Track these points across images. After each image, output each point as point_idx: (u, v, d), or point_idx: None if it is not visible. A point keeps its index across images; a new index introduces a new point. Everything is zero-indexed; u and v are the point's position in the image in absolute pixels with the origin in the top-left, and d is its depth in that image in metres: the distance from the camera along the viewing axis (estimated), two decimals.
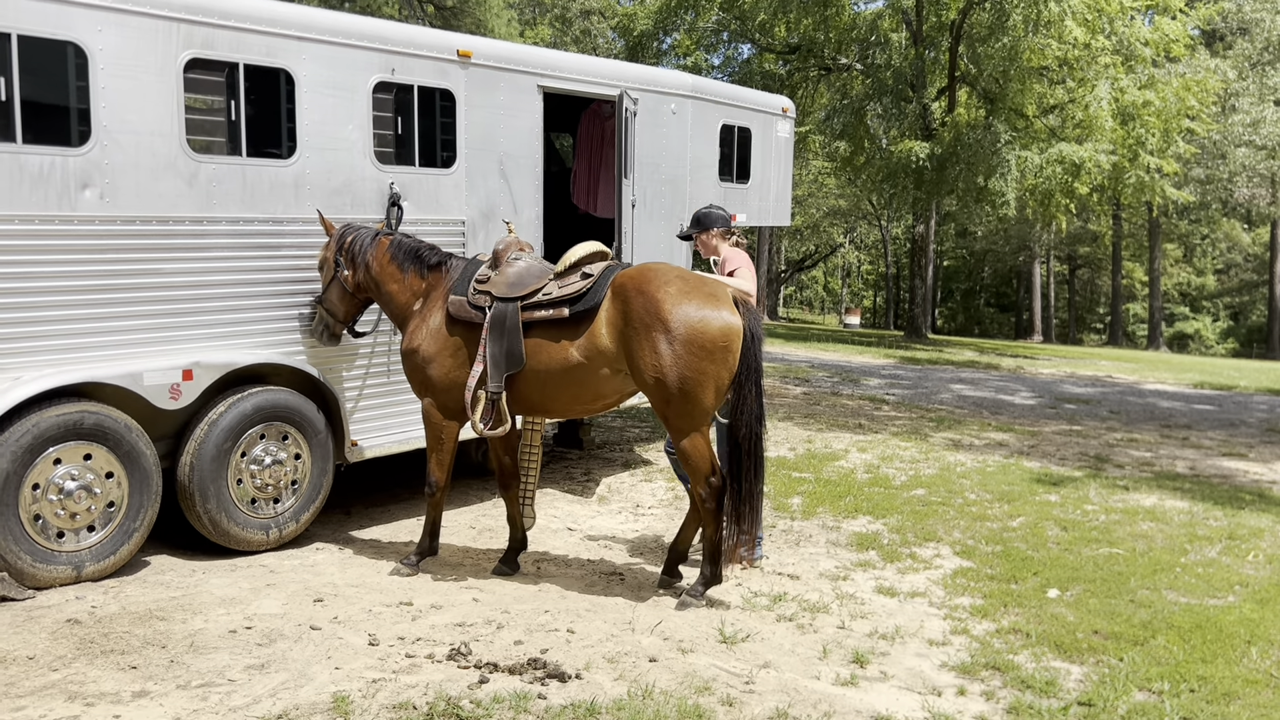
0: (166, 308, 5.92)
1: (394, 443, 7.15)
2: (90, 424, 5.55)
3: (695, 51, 30.23)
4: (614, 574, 6.32)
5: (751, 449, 5.65)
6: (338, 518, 7.36)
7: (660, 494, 8.40)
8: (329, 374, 6.70)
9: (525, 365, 5.73)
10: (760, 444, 5.69)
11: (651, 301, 5.47)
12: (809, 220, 47.88)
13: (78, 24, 5.44)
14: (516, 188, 7.74)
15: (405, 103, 7.00)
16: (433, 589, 5.86)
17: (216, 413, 6.10)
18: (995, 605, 5.92)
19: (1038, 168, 23.29)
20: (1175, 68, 29.11)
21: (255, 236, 6.29)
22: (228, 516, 6.15)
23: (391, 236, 6.37)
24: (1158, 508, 8.44)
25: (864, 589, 6.17)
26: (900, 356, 22.61)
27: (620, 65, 8.84)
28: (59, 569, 5.51)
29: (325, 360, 6.70)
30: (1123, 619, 5.73)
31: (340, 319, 6.51)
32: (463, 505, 7.86)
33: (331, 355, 6.75)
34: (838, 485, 8.78)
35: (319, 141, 6.53)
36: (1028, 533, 7.50)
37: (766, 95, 10.59)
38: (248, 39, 6.12)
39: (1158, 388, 18.50)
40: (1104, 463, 10.42)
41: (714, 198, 9.53)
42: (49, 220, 5.42)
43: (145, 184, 5.76)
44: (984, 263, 55.13)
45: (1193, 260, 52.38)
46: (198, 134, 6.10)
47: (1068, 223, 32.99)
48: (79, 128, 5.52)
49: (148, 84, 5.72)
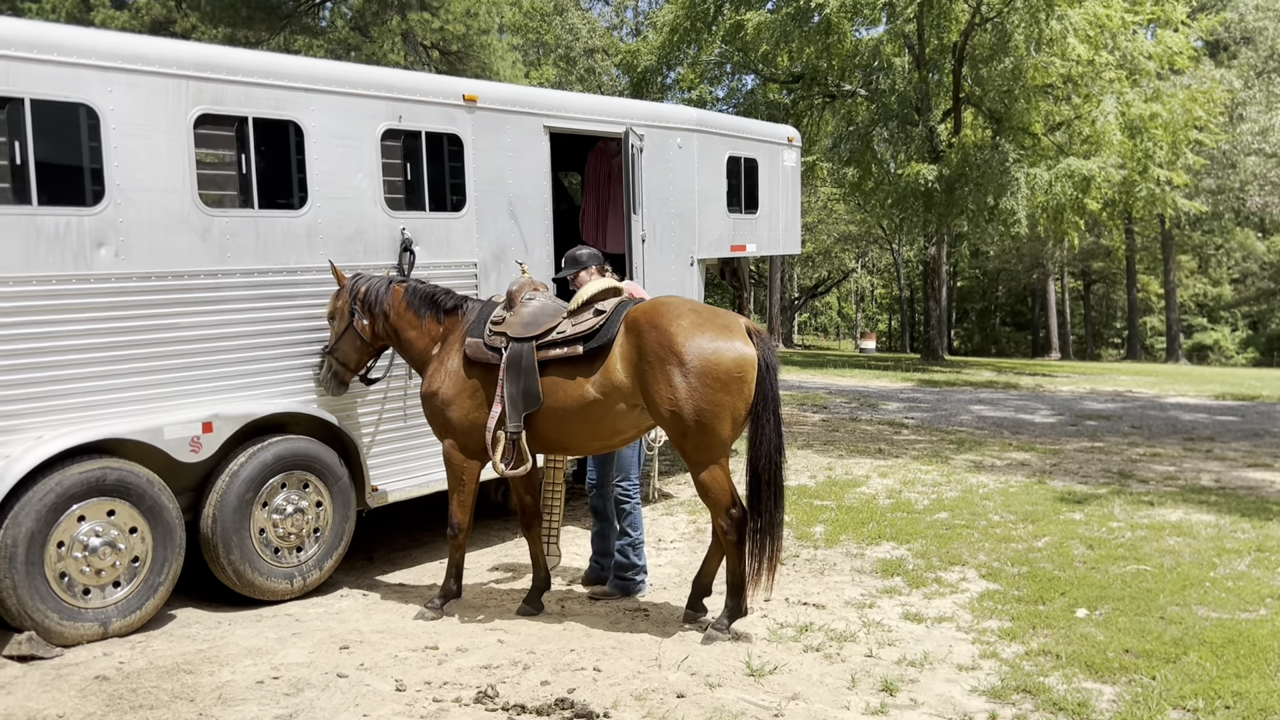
0: (184, 361, 5.97)
1: (414, 486, 7.17)
2: (113, 480, 5.58)
3: (699, 85, 30.42)
4: (639, 610, 6.30)
5: (771, 479, 5.63)
6: (361, 563, 7.37)
7: (682, 527, 8.38)
8: (347, 420, 6.74)
9: (543, 404, 5.75)
10: (780, 473, 5.68)
11: (665, 335, 5.48)
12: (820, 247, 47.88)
13: (89, 86, 5.53)
14: (527, 228, 7.80)
15: (414, 149, 7.08)
16: (458, 631, 5.85)
17: (237, 464, 6.13)
18: (1024, 627, 5.87)
19: (1047, 184, 23.27)
20: (1180, 79, 29.11)
21: (270, 287, 6.35)
22: (251, 567, 6.17)
23: (405, 283, 6.42)
24: (1184, 522, 8.36)
25: (891, 616, 6.13)
26: (918, 379, 22.53)
27: (625, 103, 8.93)
28: (86, 626, 5.53)
29: (343, 407, 6.74)
30: (1153, 636, 5.67)
31: (353, 368, 6.54)
32: (485, 546, 7.86)
33: (349, 402, 6.78)
34: (860, 512, 8.74)
35: (330, 191, 6.60)
36: (1054, 552, 7.44)
37: (771, 126, 10.66)
38: (256, 93, 6.21)
39: (1179, 400, 18.37)
40: (1128, 479, 10.34)
41: (723, 229, 9.58)
42: (66, 280, 5.49)
43: (159, 240, 5.83)
44: (998, 282, 54.97)
45: (1208, 271, 52.09)
46: (210, 188, 6.17)
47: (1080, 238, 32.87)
48: (93, 187, 5.60)
49: (159, 141, 5.81)
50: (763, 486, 5.63)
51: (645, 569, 6.66)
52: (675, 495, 9.56)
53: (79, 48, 5.51)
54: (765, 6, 27.22)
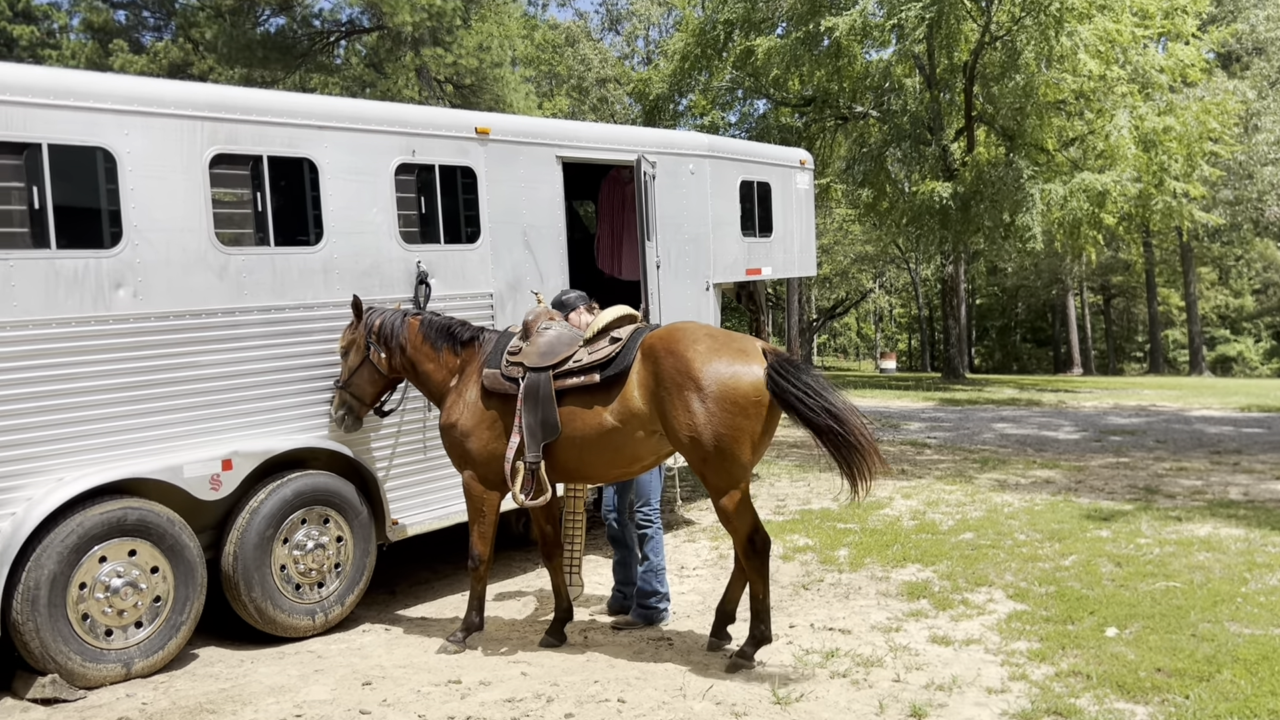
0: (203, 399, 6.00)
1: (434, 519, 7.15)
2: (133, 520, 5.60)
3: (711, 111, 30.52)
4: (662, 639, 6.25)
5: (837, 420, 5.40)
6: (382, 598, 7.35)
7: (705, 554, 8.32)
8: (366, 454, 6.74)
9: (561, 433, 5.74)
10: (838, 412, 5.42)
11: (681, 361, 5.47)
12: (837, 268, 47.83)
13: (105, 129, 5.59)
14: (541, 257, 7.81)
15: (427, 182, 7.11)
16: (481, 665, 5.82)
17: (257, 500, 6.14)
18: (1053, 648, 5.79)
19: (1062, 200, 23.19)
20: (1193, 92, 28.98)
21: (287, 324, 6.38)
22: (273, 604, 6.16)
23: (420, 316, 6.43)
24: (1213, 537, 8.25)
25: (917, 639, 6.06)
26: (939, 398, 22.40)
27: (636, 130, 8.96)
28: (109, 667, 5.53)
29: (362, 441, 6.74)
30: (1185, 654, 5.58)
31: (368, 402, 6.54)
32: (506, 578, 7.83)
33: (368, 435, 6.79)
34: (884, 534, 8.66)
35: (345, 226, 6.63)
36: (1081, 571, 7.35)
37: (784, 149, 10.67)
38: (270, 131, 6.26)
39: (1204, 413, 18.18)
40: (1154, 494, 10.22)
41: (738, 253, 9.58)
42: (85, 321, 5.53)
43: (177, 279, 5.87)
44: (1017, 299, 54.74)
45: (1229, 282, 51.71)
46: (226, 227, 6.22)
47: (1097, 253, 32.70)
48: (110, 229, 5.65)
49: (175, 182, 5.86)
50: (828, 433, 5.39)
51: (668, 596, 6.62)
52: (697, 521, 9.51)
53: (95, 92, 5.58)
54: (775, 32, 27.33)
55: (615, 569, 6.85)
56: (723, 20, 27.37)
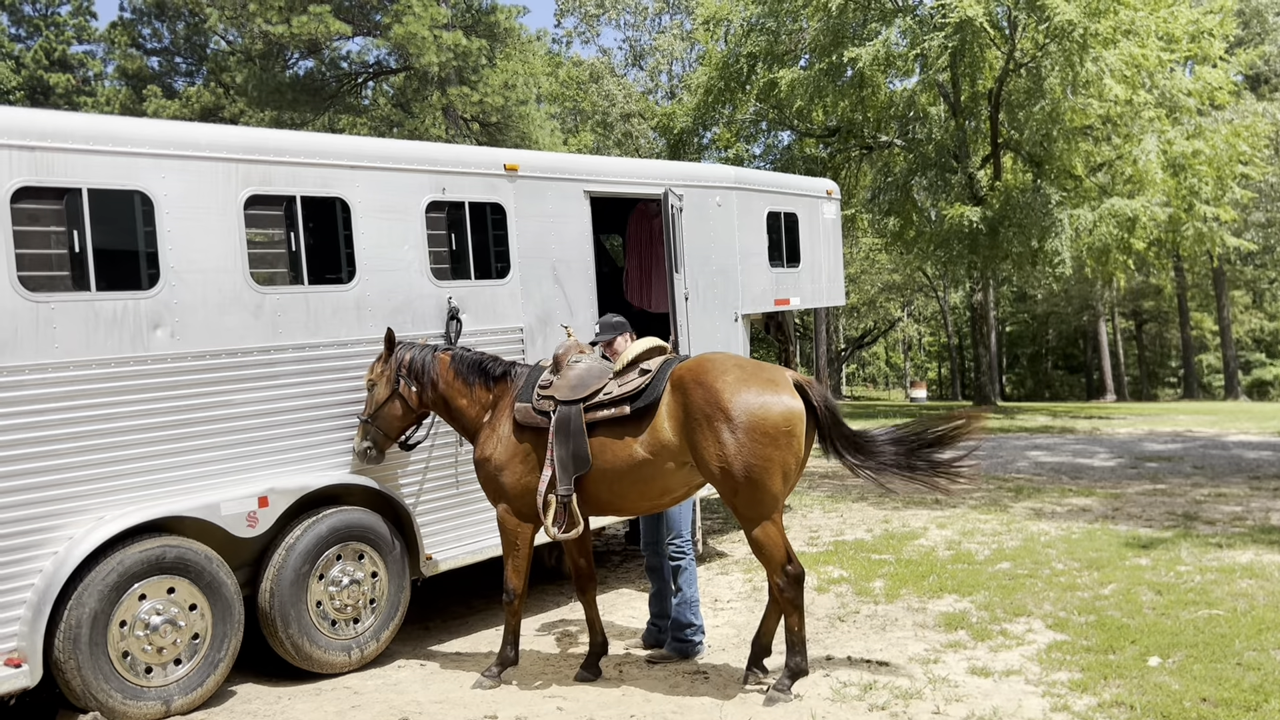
0: (240, 437, 6.06)
1: (468, 553, 7.17)
2: (172, 558, 5.65)
3: (736, 143, 30.67)
4: (698, 673, 6.21)
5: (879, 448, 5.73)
6: (417, 633, 7.36)
7: (738, 586, 8.28)
8: (400, 490, 6.78)
9: (592, 465, 5.75)
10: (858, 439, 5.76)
11: (711, 392, 5.47)
12: (865, 297, 47.75)
13: (143, 173, 5.70)
14: (571, 291, 7.86)
15: (458, 219, 7.19)
16: (516, 700, 5.81)
17: (293, 537, 6.18)
18: (1095, 678, 5.71)
19: (1091, 225, 23.07)
20: (1222, 115, 28.84)
21: (321, 360, 6.44)
22: (309, 640, 6.18)
23: (451, 352, 6.47)
24: (1255, 564, 8.12)
25: (956, 671, 5.99)
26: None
27: (663, 164, 9.02)
28: (149, 705, 5.56)
29: (396, 476, 6.78)
30: (1231, 684, 5.49)
31: (393, 436, 6.51)
32: (540, 611, 7.82)
33: (402, 471, 6.83)
34: (919, 565, 8.59)
35: (377, 264, 6.71)
36: (1121, 600, 7.25)
37: (810, 180, 10.71)
38: (303, 172, 6.36)
39: (1241, 438, 17.94)
40: (1193, 520, 10.08)
41: (766, 284, 9.60)
42: (124, 362, 5.61)
43: (213, 319, 5.95)
44: (1047, 325, 54.36)
45: (1263, 305, 51.13)
46: (260, 266, 6.31)
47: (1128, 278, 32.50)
48: (148, 271, 5.74)
49: (211, 223, 5.96)
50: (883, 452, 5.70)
51: (702, 628, 6.59)
52: (730, 554, 9.47)
53: (132, 137, 5.70)
54: (798, 64, 27.48)
55: (651, 601, 6.84)
56: (745, 53, 27.57)
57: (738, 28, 28.63)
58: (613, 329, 6.51)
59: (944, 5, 22.84)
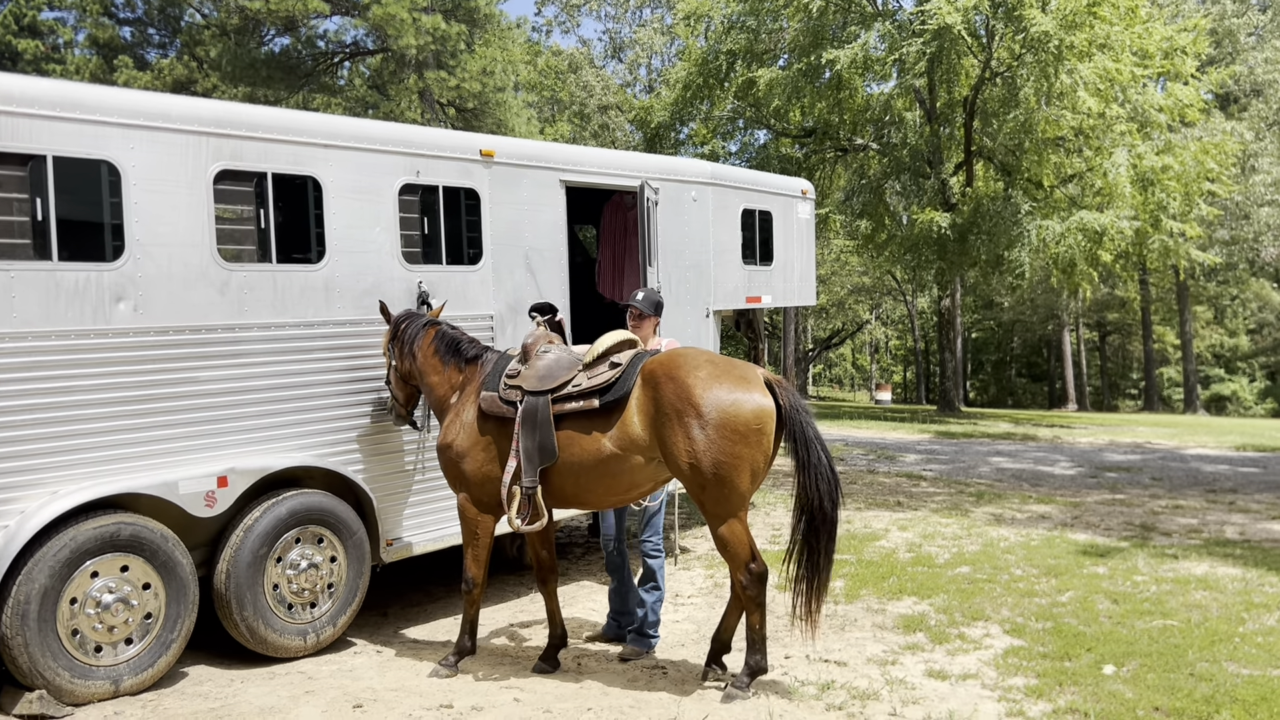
0: (200, 415, 5.96)
1: (429, 541, 7.10)
2: (127, 535, 5.55)
3: (712, 140, 30.68)
4: (656, 667, 6.19)
5: (831, 515, 5.54)
6: (375, 619, 7.29)
7: (700, 582, 8.27)
8: (362, 474, 6.70)
9: (559, 458, 5.70)
10: (837, 511, 5.57)
11: (682, 387, 5.44)
12: (834, 298, 47.97)
13: (111, 143, 5.58)
14: (543, 281, 7.80)
15: (431, 203, 7.12)
16: (473, 690, 5.76)
17: (252, 518, 6.09)
18: (1050, 684, 5.75)
19: (1059, 236, 23.29)
20: (1191, 132, 29.22)
21: (287, 341, 6.35)
22: (264, 623, 6.10)
23: (438, 327, 6.44)
24: (1210, 576, 8.22)
25: (914, 673, 6.01)
26: (935, 431, 22.38)
27: (640, 157, 8.98)
28: (97, 684, 5.46)
29: (358, 460, 6.71)
30: (1184, 694, 5.54)
31: (402, 402, 6.65)
32: (500, 602, 7.77)
33: (364, 455, 6.75)
34: (880, 566, 8.62)
35: (347, 245, 6.62)
36: (1078, 607, 7.31)
37: (785, 179, 10.70)
38: (275, 149, 6.26)
39: (1199, 452, 18.18)
40: (1151, 531, 10.19)
41: (738, 281, 9.58)
42: (85, 335, 5.50)
43: (178, 294, 5.85)
44: (1013, 333, 54.87)
45: (1224, 321, 51.88)
46: (228, 243, 6.21)
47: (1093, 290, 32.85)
48: (113, 243, 5.63)
49: (179, 197, 5.85)
50: (820, 527, 5.53)
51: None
52: (693, 549, 9.46)
53: (101, 106, 5.58)
54: (777, 63, 27.53)
55: (612, 597, 6.80)
56: (725, 51, 27.57)
57: (718, 24, 28.64)
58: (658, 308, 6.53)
59: (923, 12, 22.95)
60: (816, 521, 5.55)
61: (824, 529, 5.55)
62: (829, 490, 5.53)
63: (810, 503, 5.55)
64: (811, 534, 5.57)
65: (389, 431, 6.89)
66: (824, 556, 5.57)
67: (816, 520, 5.55)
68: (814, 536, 5.56)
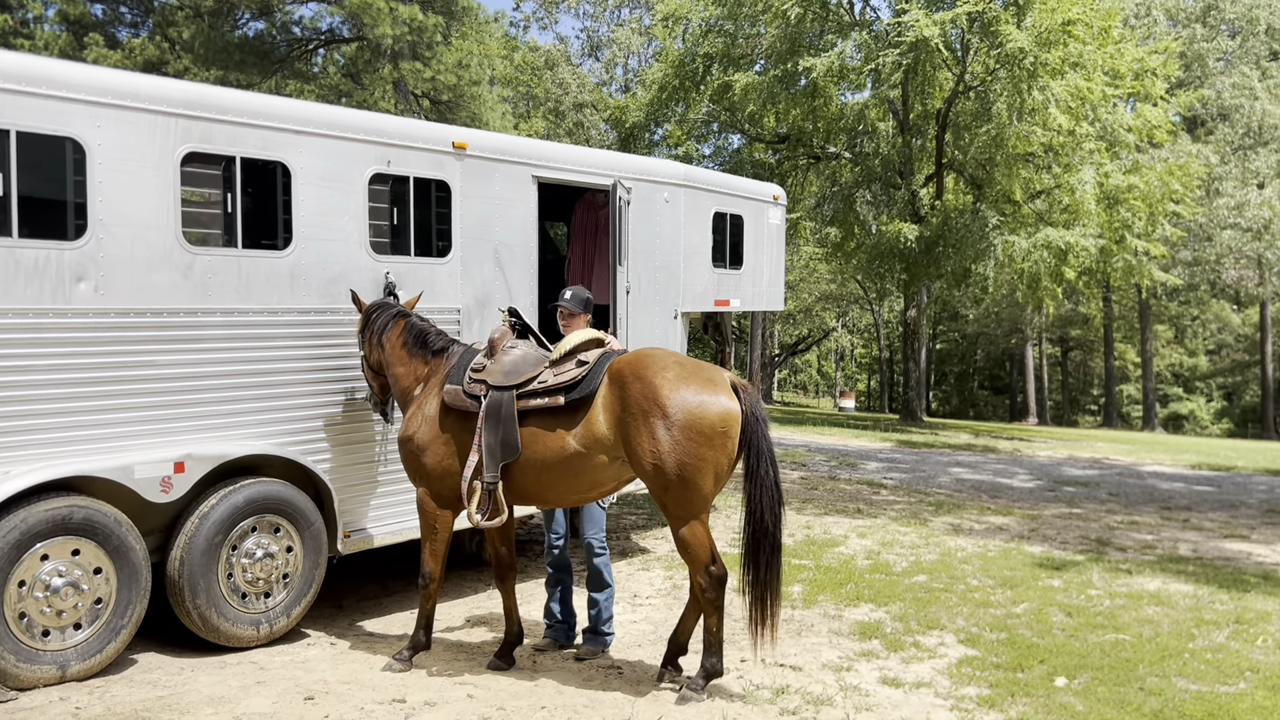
0: (159, 399, 5.88)
1: (388, 534, 7.05)
2: (79, 519, 5.46)
3: (686, 142, 30.73)
4: (612, 667, 6.18)
5: (770, 533, 5.54)
6: (330, 611, 7.22)
7: (658, 583, 8.27)
8: (321, 465, 6.63)
9: (521, 454, 5.67)
10: (779, 527, 5.57)
11: (649, 387, 5.43)
12: (801, 305, 48.20)
13: (76, 120, 5.49)
14: (512, 276, 7.77)
15: (401, 194, 7.06)
16: (426, 685, 5.72)
17: (208, 505, 6.01)
18: (1003, 695, 5.79)
19: (1025, 252, 23.53)
20: (1159, 153, 29.62)
21: (250, 327, 6.28)
22: (217, 612, 6.03)
23: (408, 318, 6.39)
24: (1162, 592, 8.32)
25: (868, 680, 6.03)
26: (897, 440, 22.54)
27: (614, 155, 8.96)
28: (43, 669, 5.37)
29: (318, 451, 6.64)
30: (1133, 708, 5.60)
31: (377, 393, 6.66)
32: (457, 597, 7.73)
33: (324, 445, 6.69)
34: (838, 572, 8.65)
35: (315, 232, 6.56)
36: (1032, 619, 7.37)
37: (758, 183, 10.72)
38: (244, 133, 6.19)
39: (1156, 469, 18.42)
40: (1106, 546, 10.31)
41: (708, 283, 9.59)
42: (43, 313, 5.40)
43: (140, 276, 5.76)
44: (976, 345, 55.38)
45: (1184, 341, 52.65)
46: (194, 226, 6.13)
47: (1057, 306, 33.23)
48: (75, 221, 5.54)
49: (145, 178, 5.76)
50: (761, 540, 5.54)
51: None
52: (652, 550, 9.46)
53: (68, 82, 5.48)
54: (753, 68, 27.61)
55: (559, 600, 6.68)
56: (702, 54, 27.62)
57: (696, 27, 28.69)
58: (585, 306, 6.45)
59: (900, 24, 23.10)
60: (759, 534, 5.55)
61: (765, 542, 5.54)
62: (770, 504, 5.54)
63: (752, 514, 5.57)
64: (755, 549, 5.57)
65: (350, 422, 6.83)
66: (766, 570, 5.55)
67: (759, 533, 5.55)
68: (757, 551, 5.56)
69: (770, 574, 5.56)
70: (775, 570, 5.58)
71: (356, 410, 6.84)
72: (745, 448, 5.52)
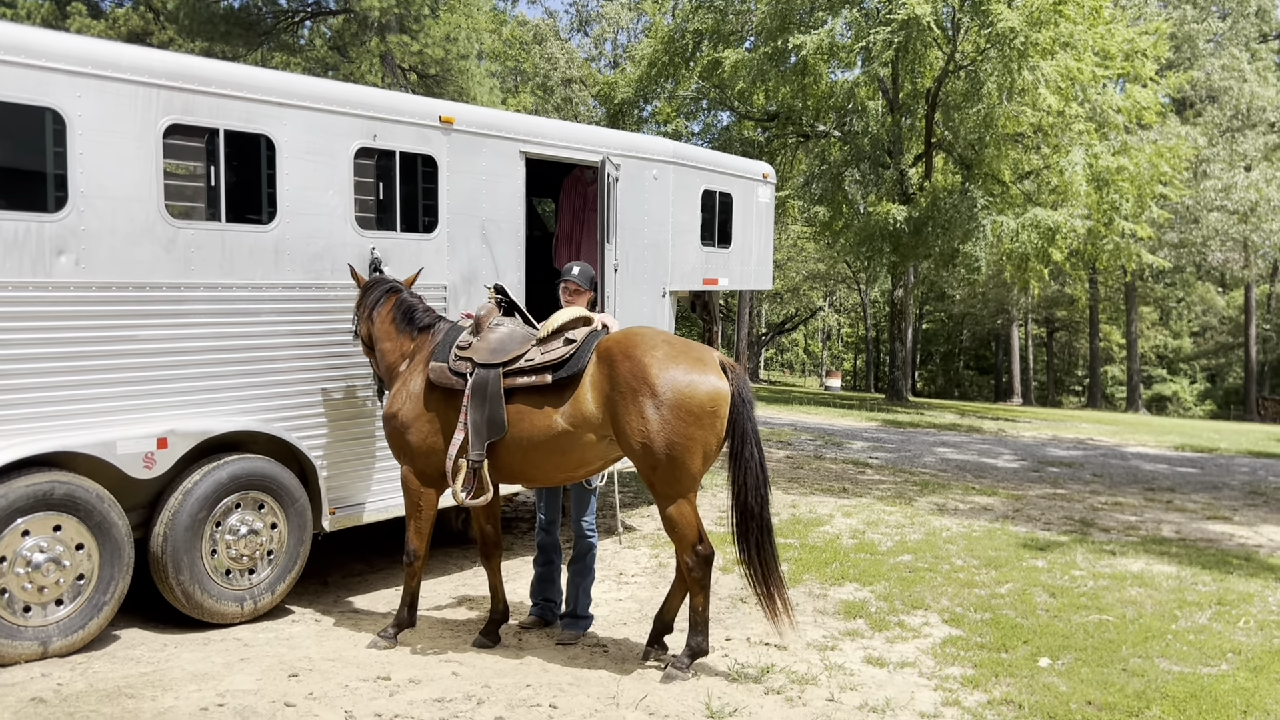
0: (142, 375, 5.82)
1: (373, 511, 7.02)
2: (61, 494, 5.41)
3: (675, 119, 30.58)
4: (598, 645, 6.18)
5: (759, 513, 5.54)
6: (314, 588, 7.20)
7: (644, 561, 8.27)
8: (306, 441, 6.59)
9: (507, 433, 5.64)
10: (767, 507, 5.58)
11: (638, 366, 5.40)
12: (789, 284, 48.18)
13: (56, 90, 5.40)
14: (499, 252, 7.72)
15: (387, 168, 6.99)
16: (411, 662, 5.70)
17: (191, 481, 5.97)
18: (986, 675, 5.81)
19: (1013, 233, 23.55)
20: (1147, 135, 29.65)
21: (234, 302, 6.21)
22: (201, 588, 5.99)
23: (399, 294, 6.35)
24: (1146, 573, 8.36)
25: (853, 659, 6.05)
26: (882, 419, 22.59)
27: (603, 132, 8.89)
28: (24, 645, 5.33)
29: (303, 427, 6.60)
30: (1116, 689, 5.63)
31: (376, 371, 6.59)
32: (442, 575, 7.71)
33: (309, 422, 6.64)
34: (823, 551, 8.67)
35: (299, 207, 6.49)
36: (1016, 599, 7.40)
37: (747, 161, 10.66)
38: (228, 105, 6.10)
39: (1139, 450, 18.52)
40: (1090, 527, 10.35)
41: (696, 262, 9.55)
42: (23, 287, 5.33)
43: (122, 250, 5.69)
44: (962, 326, 55.54)
45: (1169, 323, 52.91)
46: (176, 199, 6.05)
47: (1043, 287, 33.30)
48: (55, 193, 5.46)
49: (126, 150, 5.68)
50: (749, 522, 5.53)
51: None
52: (638, 529, 9.46)
53: (48, 51, 5.39)
54: (743, 45, 27.47)
55: (542, 582, 6.64)
56: (692, 30, 27.47)
57: (686, 3, 28.55)
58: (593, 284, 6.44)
59: (891, 1, 22.98)
60: (746, 517, 5.54)
61: (753, 524, 5.54)
62: (755, 486, 5.53)
63: (737, 497, 5.56)
64: (744, 531, 5.56)
65: (335, 398, 6.79)
66: (759, 553, 5.54)
67: (746, 516, 5.55)
68: (746, 534, 5.55)
69: (765, 557, 5.55)
70: (770, 554, 5.57)
71: (341, 386, 6.79)
72: (731, 430, 5.50)
